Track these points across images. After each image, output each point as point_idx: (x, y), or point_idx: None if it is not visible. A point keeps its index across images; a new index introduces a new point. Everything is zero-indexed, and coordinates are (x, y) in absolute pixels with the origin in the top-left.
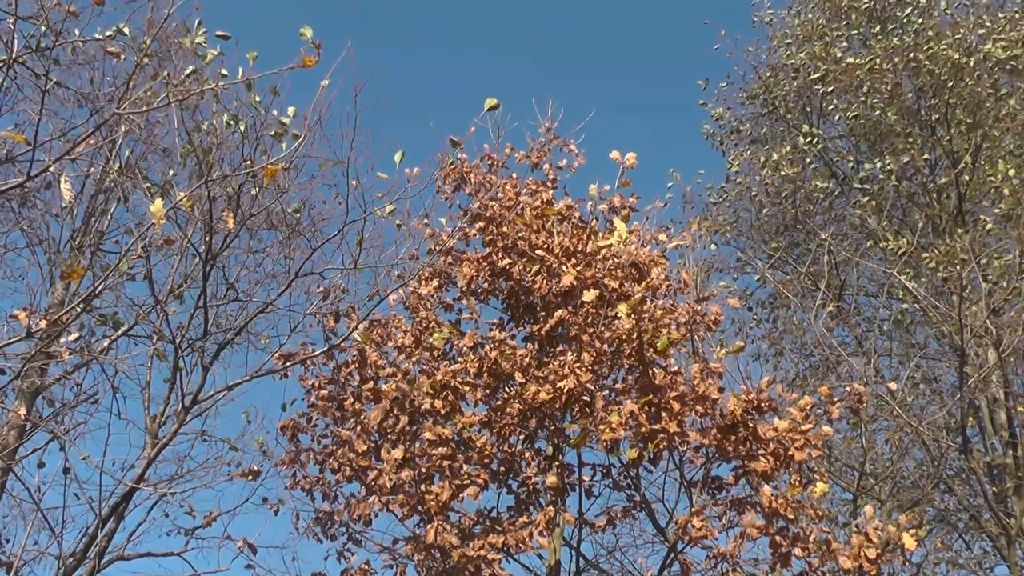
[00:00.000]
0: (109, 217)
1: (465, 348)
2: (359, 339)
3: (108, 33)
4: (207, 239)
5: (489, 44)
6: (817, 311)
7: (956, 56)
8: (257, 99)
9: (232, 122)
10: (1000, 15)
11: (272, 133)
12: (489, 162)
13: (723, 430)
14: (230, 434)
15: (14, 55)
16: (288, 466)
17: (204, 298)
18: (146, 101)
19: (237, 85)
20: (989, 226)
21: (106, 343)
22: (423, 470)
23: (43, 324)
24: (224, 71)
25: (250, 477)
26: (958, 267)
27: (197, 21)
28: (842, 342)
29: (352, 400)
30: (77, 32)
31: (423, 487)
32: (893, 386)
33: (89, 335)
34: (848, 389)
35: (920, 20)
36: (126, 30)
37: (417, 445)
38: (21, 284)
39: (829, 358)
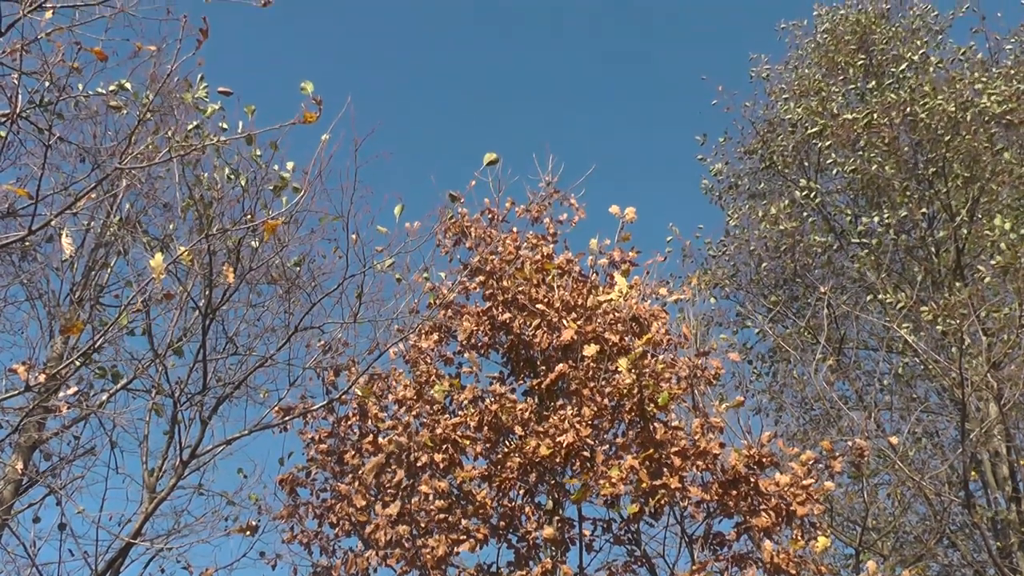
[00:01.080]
0: (109, 271)
1: (465, 402)
2: (359, 392)
3: (111, 88)
4: (207, 293)
5: (489, 98)
6: (817, 365)
7: (952, 110)
8: (258, 153)
9: (232, 176)
10: (995, 70)
11: (272, 187)
12: (489, 216)
13: (724, 485)
14: (228, 488)
15: (18, 110)
16: (286, 520)
17: (203, 352)
18: (148, 155)
19: (238, 139)
20: (988, 279)
21: (104, 397)
22: (422, 525)
23: (42, 378)
24: (225, 125)
25: (248, 532)
26: (957, 321)
27: (200, 76)
28: (843, 396)
29: (352, 454)
30: (80, 87)
31: (420, 542)
32: (895, 440)
33: (88, 388)
34: (849, 443)
35: (915, 76)
36: (128, 85)
37: (415, 499)
38: (20, 338)
39: (830, 412)
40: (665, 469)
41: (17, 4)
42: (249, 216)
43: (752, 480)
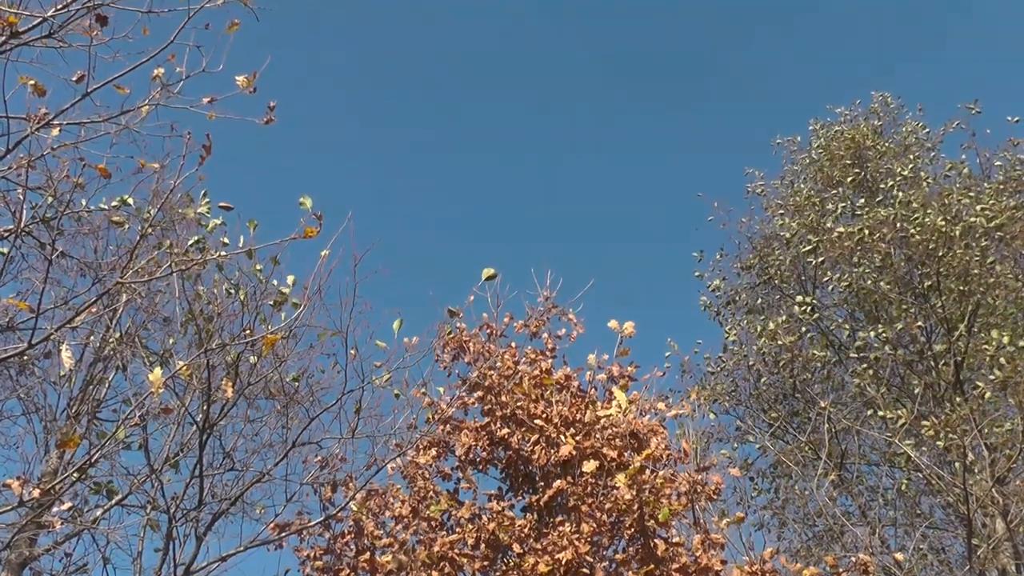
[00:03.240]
0: (107, 385)
1: (463, 519)
2: (356, 509)
3: (113, 203)
4: (205, 408)
5: (487, 214)
6: (819, 480)
7: (943, 225)
8: (258, 268)
9: (233, 291)
10: (986, 185)
11: (272, 302)
12: (488, 331)
13: None
14: None
15: (21, 225)
16: None
17: (200, 467)
18: (148, 271)
19: (239, 254)
20: (988, 395)
21: (99, 512)
22: None
23: (36, 493)
24: (226, 240)
25: None
26: (959, 436)
27: (203, 193)
28: (846, 512)
29: (348, 571)
30: (84, 202)
31: None
32: (900, 556)
33: (82, 504)
34: (854, 559)
35: (904, 192)
36: (131, 201)
37: None
38: (15, 452)
39: (833, 528)
40: None
41: (25, 121)
42: (248, 331)
43: None
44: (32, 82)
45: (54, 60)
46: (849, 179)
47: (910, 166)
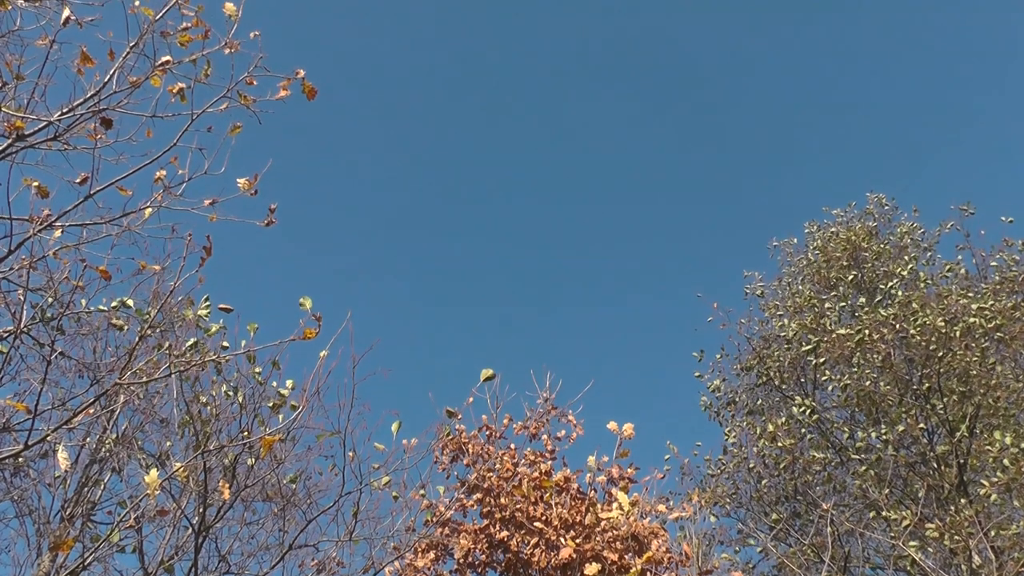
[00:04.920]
0: (102, 487)
1: None
2: None
3: (113, 304)
4: (201, 511)
5: (486, 315)
6: None
7: (942, 325)
8: (257, 371)
9: (231, 393)
10: (983, 285)
11: (271, 404)
12: (487, 432)
13: None
14: None
15: (21, 326)
16: None
17: (195, 570)
18: (147, 372)
19: (238, 355)
20: (994, 497)
21: None
22: None
23: None
24: (225, 343)
25: None
26: (965, 538)
27: (204, 297)
28: None
29: None
30: (84, 303)
31: None
32: None
33: None
34: None
35: (903, 292)
36: (130, 302)
37: None
38: (7, 556)
39: None
40: None
41: (28, 223)
42: (246, 433)
43: None
44: (36, 184)
45: (58, 162)
46: (851, 278)
47: (908, 266)
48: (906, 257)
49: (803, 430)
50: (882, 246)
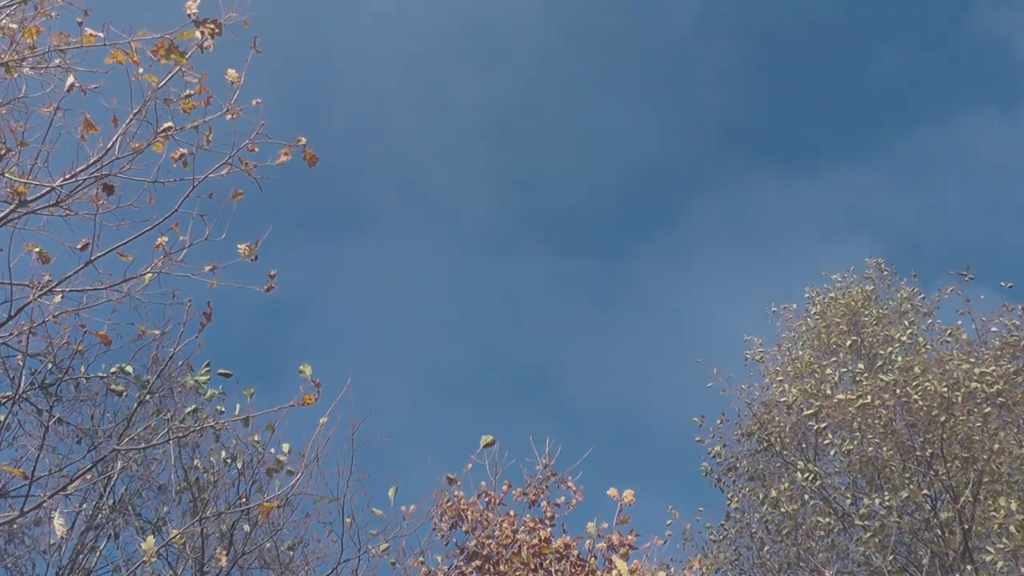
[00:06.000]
0: (98, 554)
1: None
2: None
3: (112, 370)
4: None
5: (485, 381)
6: None
7: (944, 391)
8: (256, 438)
9: (229, 460)
10: (984, 351)
11: (268, 470)
12: (486, 499)
13: None
14: None
15: (20, 391)
16: None
17: None
18: (145, 438)
19: (235, 421)
20: (1000, 564)
21: None
22: None
23: None
24: (222, 408)
25: None
26: None
27: (205, 363)
28: None
29: None
30: (83, 368)
31: None
32: None
33: None
34: None
35: (904, 357)
36: (129, 369)
37: None
38: None
39: None
40: None
41: (28, 288)
42: (244, 499)
43: None
44: (37, 250)
45: (60, 227)
46: (848, 344)
47: (908, 331)
48: (906, 322)
49: (805, 496)
50: (882, 311)
